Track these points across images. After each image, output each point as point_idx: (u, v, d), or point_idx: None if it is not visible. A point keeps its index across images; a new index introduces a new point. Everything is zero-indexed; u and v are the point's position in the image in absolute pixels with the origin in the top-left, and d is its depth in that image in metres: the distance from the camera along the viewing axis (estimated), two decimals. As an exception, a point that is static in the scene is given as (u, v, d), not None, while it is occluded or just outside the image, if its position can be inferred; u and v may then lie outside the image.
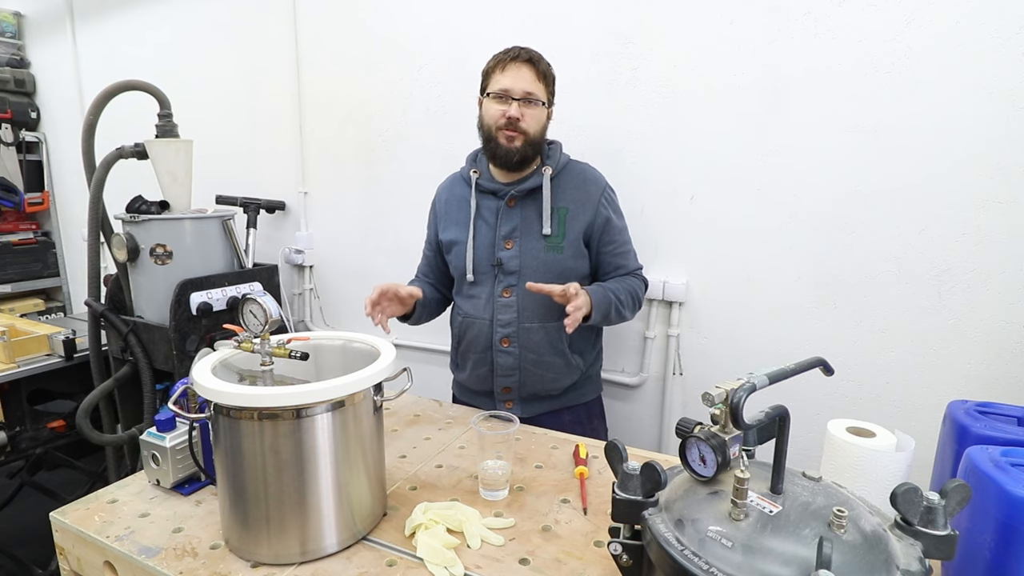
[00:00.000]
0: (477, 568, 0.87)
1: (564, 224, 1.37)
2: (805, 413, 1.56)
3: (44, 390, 2.10)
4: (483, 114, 1.37)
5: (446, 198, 1.50)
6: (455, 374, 1.56)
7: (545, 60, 1.36)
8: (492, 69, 1.34)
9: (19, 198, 3.11)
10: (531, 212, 1.38)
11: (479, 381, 1.46)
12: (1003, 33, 1.27)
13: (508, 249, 1.38)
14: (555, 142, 1.45)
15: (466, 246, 1.40)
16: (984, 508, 0.71)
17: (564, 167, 1.41)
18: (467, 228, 1.41)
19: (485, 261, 1.40)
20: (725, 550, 0.56)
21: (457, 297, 1.50)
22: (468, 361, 1.46)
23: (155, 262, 1.85)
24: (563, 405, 1.46)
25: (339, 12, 2.16)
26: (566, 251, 1.37)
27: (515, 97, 1.30)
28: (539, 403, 1.44)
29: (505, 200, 1.38)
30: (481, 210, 1.41)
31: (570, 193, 1.38)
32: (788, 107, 1.50)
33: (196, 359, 0.98)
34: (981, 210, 1.35)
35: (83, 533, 0.97)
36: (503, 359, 1.40)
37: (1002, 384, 1.38)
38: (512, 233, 1.38)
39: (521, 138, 1.32)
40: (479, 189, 1.41)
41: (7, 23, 3.10)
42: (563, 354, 1.40)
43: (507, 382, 1.41)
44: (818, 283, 1.54)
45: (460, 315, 1.47)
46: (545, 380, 1.41)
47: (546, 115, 1.37)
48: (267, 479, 0.87)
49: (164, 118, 1.92)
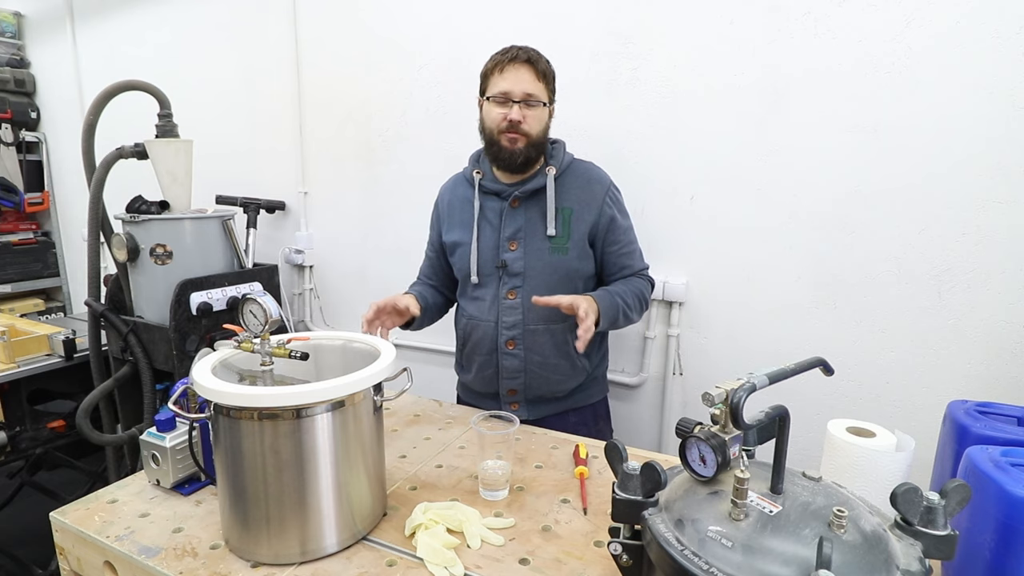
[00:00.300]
0: (477, 568, 0.87)
1: (569, 224, 1.35)
2: (805, 413, 1.56)
3: (44, 390, 2.10)
4: (484, 117, 1.35)
5: (449, 199, 1.49)
6: (460, 376, 1.55)
7: (544, 58, 1.33)
8: (491, 71, 1.32)
9: (19, 198, 3.11)
10: (535, 213, 1.36)
11: (485, 383, 1.45)
12: (1003, 33, 1.27)
13: (512, 251, 1.36)
14: (559, 141, 1.43)
15: (470, 248, 1.39)
16: (984, 508, 0.71)
17: (568, 167, 1.39)
18: (471, 230, 1.39)
19: (489, 263, 1.38)
20: (725, 550, 0.56)
21: (461, 299, 1.49)
22: (473, 363, 1.45)
23: (155, 262, 1.85)
24: (569, 407, 1.45)
25: (339, 12, 2.16)
26: (571, 252, 1.35)
27: (515, 99, 1.28)
28: (545, 405, 1.43)
29: (509, 201, 1.37)
30: (485, 211, 1.40)
31: (574, 193, 1.37)
32: (788, 107, 1.50)
33: (196, 359, 0.98)
34: (981, 210, 1.35)
35: (83, 533, 0.97)
36: (509, 361, 1.39)
37: (1002, 384, 1.38)
38: (516, 234, 1.36)
39: (523, 140, 1.30)
40: (482, 190, 1.40)
41: (7, 23, 3.10)
42: (569, 356, 1.39)
43: (513, 384, 1.41)
44: (818, 283, 1.54)
45: (465, 317, 1.46)
46: (551, 382, 1.40)
47: (548, 114, 1.35)
48: (267, 479, 0.87)
49: (164, 118, 1.92)
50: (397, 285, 1.59)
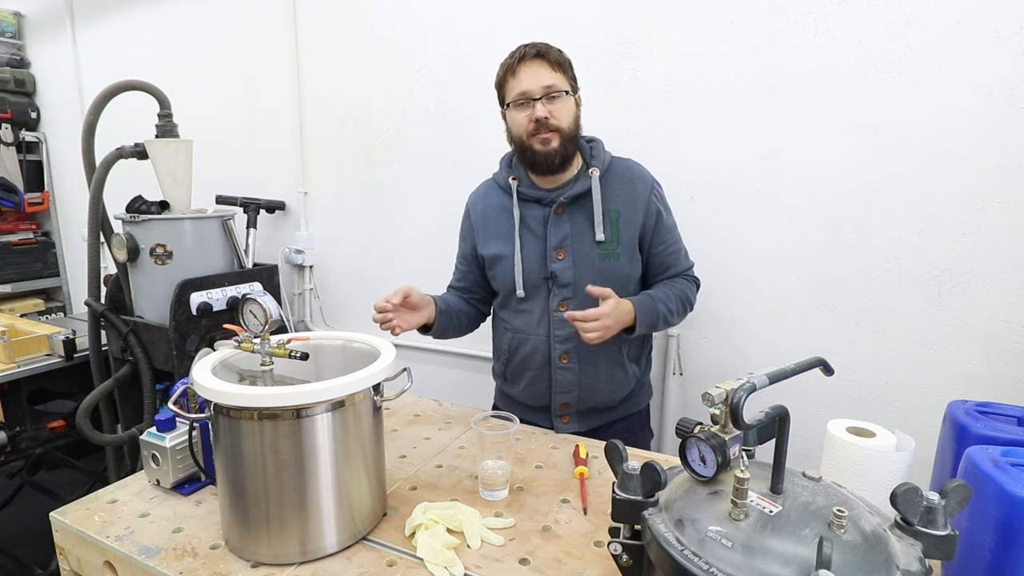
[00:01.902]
0: (477, 568, 0.87)
1: (617, 228, 1.27)
2: (805, 413, 1.56)
3: (44, 390, 2.11)
4: (509, 127, 1.28)
5: (482, 208, 1.39)
6: (504, 388, 1.47)
7: (556, 48, 1.25)
8: (504, 77, 1.26)
9: (19, 198, 3.11)
10: (581, 218, 1.28)
11: (535, 397, 1.38)
12: (1003, 33, 1.27)
13: (560, 260, 1.28)
14: (596, 140, 1.34)
15: (513, 260, 1.31)
16: (984, 508, 0.71)
17: (609, 166, 1.30)
18: (512, 241, 1.31)
19: (536, 274, 1.30)
20: (725, 550, 0.56)
21: (503, 311, 1.41)
22: (523, 378, 1.38)
23: (155, 262, 1.85)
24: (619, 416, 1.41)
25: (339, 12, 2.15)
26: (622, 257, 1.28)
27: (536, 97, 1.21)
28: (596, 416, 1.38)
29: (552, 208, 1.28)
30: (526, 220, 1.31)
31: (620, 194, 1.28)
32: (788, 107, 1.50)
33: (196, 359, 0.98)
34: (981, 210, 1.35)
35: (83, 533, 0.97)
36: (563, 376, 1.32)
37: (1002, 384, 1.38)
38: (563, 243, 1.28)
39: (556, 136, 1.22)
40: (521, 197, 1.31)
41: (7, 23, 3.10)
42: (622, 365, 1.34)
43: (566, 398, 1.34)
44: (818, 283, 1.54)
45: (510, 330, 1.38)
46: (604, 392, 1.35)
47: (575, 103, 1.26)
48: (267, 479, 0.87)
49: (164, 118, 1.92)
50: (396, 285, 1.58)
